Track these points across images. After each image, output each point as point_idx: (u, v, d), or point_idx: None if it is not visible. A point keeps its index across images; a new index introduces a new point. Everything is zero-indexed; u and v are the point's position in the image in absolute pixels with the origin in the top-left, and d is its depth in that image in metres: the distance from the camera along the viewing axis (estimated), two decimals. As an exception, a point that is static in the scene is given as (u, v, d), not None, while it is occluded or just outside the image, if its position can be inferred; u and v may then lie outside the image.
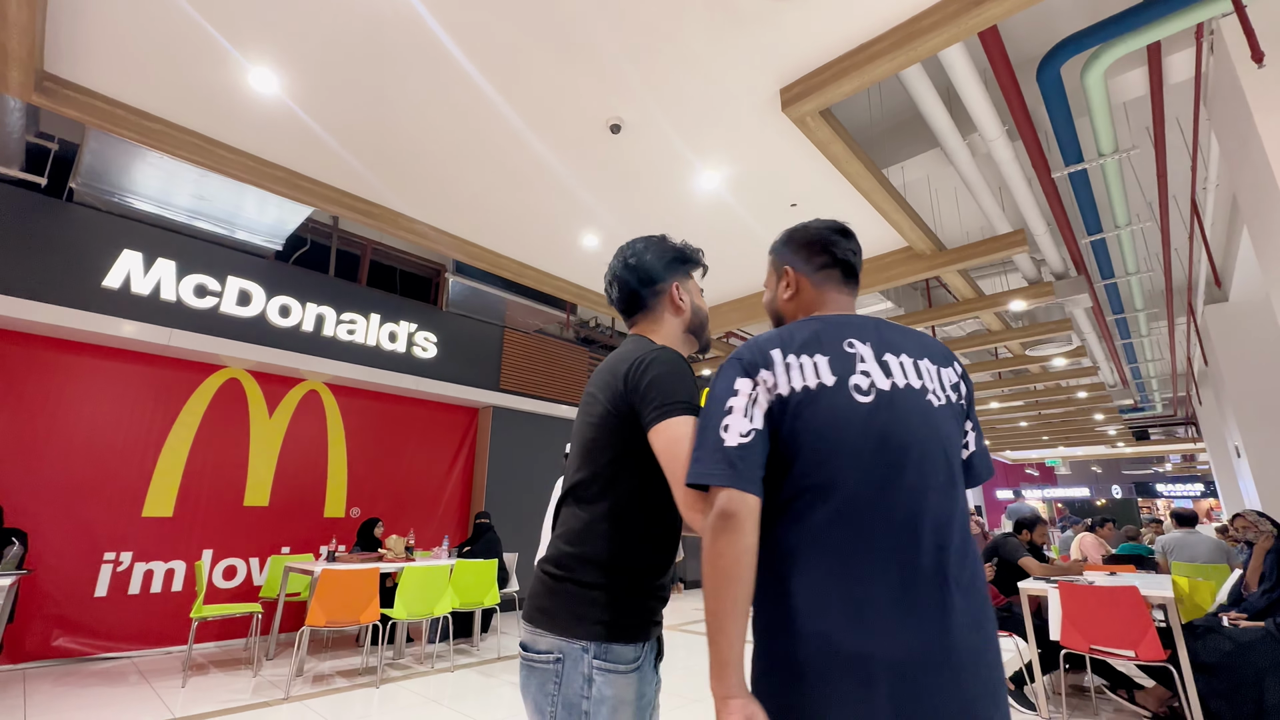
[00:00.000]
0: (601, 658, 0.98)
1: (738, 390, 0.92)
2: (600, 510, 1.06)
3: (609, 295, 1.34)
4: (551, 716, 0.99)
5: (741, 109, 3.64)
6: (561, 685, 0.98)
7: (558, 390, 7.97)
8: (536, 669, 1.02)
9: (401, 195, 4.61)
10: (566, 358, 8.20)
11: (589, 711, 0.96)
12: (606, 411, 1.09)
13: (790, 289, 1.13)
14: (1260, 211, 3.63)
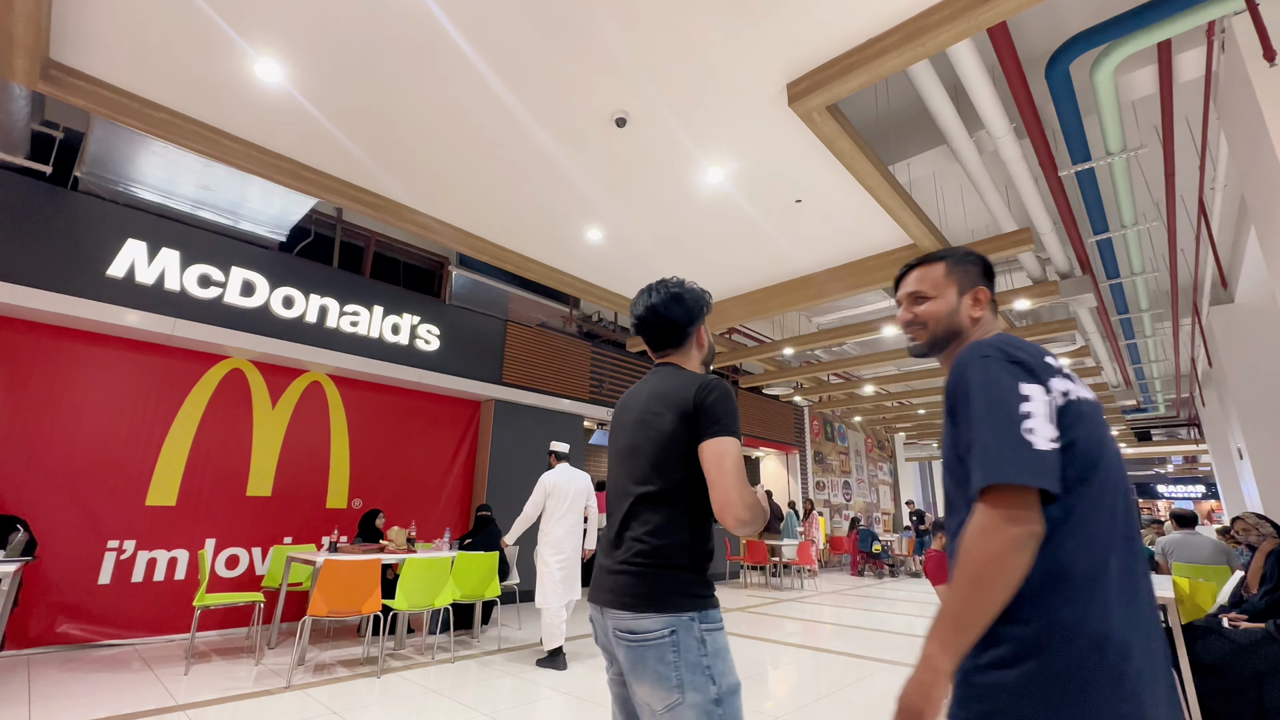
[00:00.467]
0: (705, 622, 1.24)
1: (1029, 395, 0.90)
2: (679, 509, 1.29)
3: (646, 330, 1.49)
4: (677, 680, 1.18)
5: (748, 103, 3.62)
6: (680, 651, 1.19)
7: (560, 384, 7.97)
8: (651, 645, 1.20)
9: (405, 187, 4.61)
10: (569, 352, 8.20)
11: (709, 665, 1.21)
12: (677, 427, 1.30)
13: (980, 310, 1.16)
14: (1269, 212, 3.61)
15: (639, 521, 1.29)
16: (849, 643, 5.16)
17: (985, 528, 0.84)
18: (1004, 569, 0.82)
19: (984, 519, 0.85)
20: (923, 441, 18.60)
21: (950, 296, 1.16)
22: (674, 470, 1.29)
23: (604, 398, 8.63)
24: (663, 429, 1.32)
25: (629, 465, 1.36)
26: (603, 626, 1.31)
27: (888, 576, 11.38)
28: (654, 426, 1.33)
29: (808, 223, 5.00)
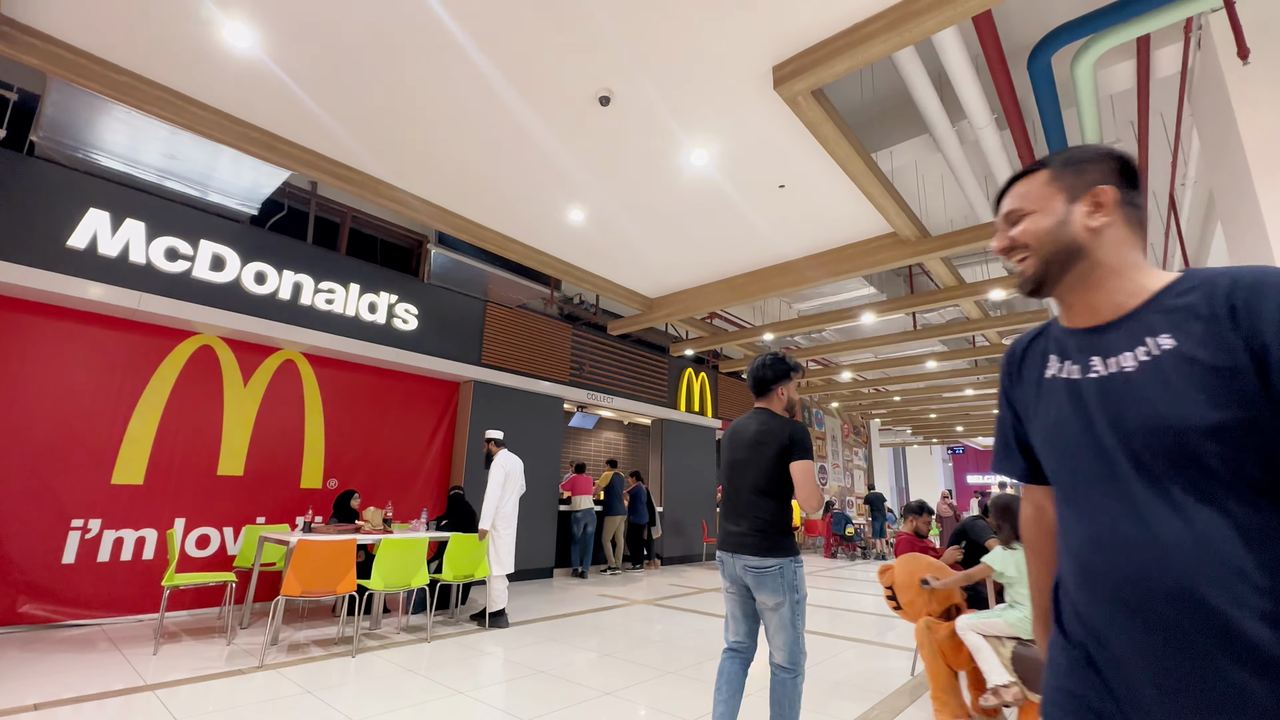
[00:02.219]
0: (797, 563, 2.16)
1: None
2: (778, 501, 2.21)
3: (754, 380, 2.39)
4: (782, 591, 2.12)
5: (733, 85, 3.58)
6: (785, 577, 2.12)
7: (540, 366, 7.93)
8: (770, 574, 2.12)
9: (383, 162, 4.49)
10: (549, 334, 8.15)
11: (797, 586, 2.14)
12: (778, 453, 2.20)
13: (1105, 216, 0.83)
14: (1235, 210, 3.71)
15: (755, 506, 2.21)
16: (820, 622, 5.29)
17: None
18: None
19: None
20: (897, 428, 18.98)
21: (1056, 206, 0.85)
22: (777, 478, 2.21)
23: (584, 380, 8.62)
24: (768, 454, 2.22)
25: (744, 471, 2.26)
26: (732, 564, 2.24)
27: (860, 558, 11.66)
28: (759, 450, 2.24)
29: (790, 208, 5.00)
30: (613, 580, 7.69)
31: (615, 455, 12.12)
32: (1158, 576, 0.70)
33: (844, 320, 7.55)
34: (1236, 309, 0.69)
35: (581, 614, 5.43)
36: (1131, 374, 0.75)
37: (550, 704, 3.06)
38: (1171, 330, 0.74)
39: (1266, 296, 0.68)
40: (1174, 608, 0.69)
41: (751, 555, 2.16)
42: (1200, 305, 0.72)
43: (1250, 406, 0.67)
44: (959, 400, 14.01)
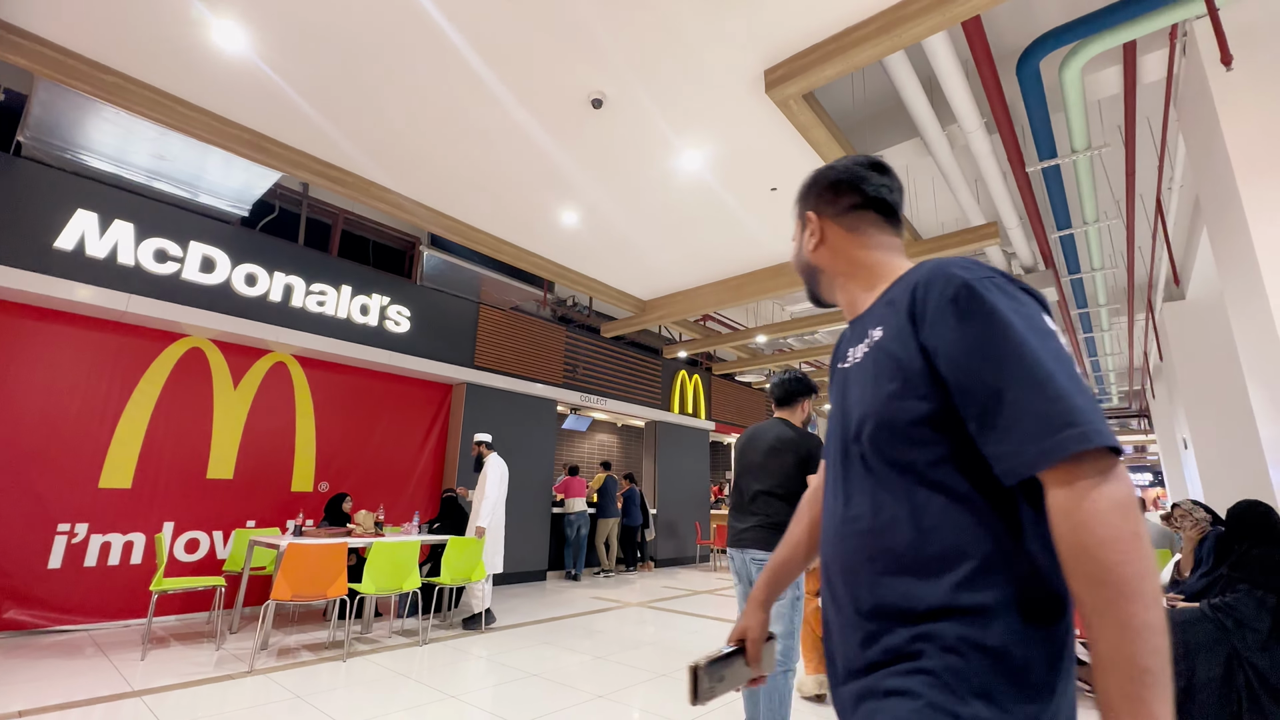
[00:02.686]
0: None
1: (1056, 334, 0.67)
2: (789, 505, 2.31)
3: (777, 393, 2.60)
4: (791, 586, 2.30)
5: (725, 89, 3.60)
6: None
7: (533, 368, 7.91)
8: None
9: (376, 163, 4.48)
10: (543, 336, 8.14)
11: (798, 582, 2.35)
12: (797, 461, 2.37)
13: (815, 237, 0.92)
14: (1220, 214, 3.76)
15: (765, 505, 2.39)
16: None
17: (1123, 504, 0.58)
18: (1149, 541, 0.58)
19: (1115, 493, 0.58)
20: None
21: (796, 236, 0.98)
22: (790, 482, 2.38)
23: (578, 382, 8.60)
24: (787, 461, 2.40)
25: (759, 474, 2.44)
26: (741, 558, 2.38)
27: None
28: (782, 459, 2.41)
29: (782, 211, 5.02)
30: (606, 583, 7.68)
31: (609, 457, 12.10)
32: (842, 554, 0.75)
33: (837, 322, 7.58)
34: (915, 303, 0.72)
35: (575, 617, 5.42)
36: (858, 365, 0.79)
37: (543, 707, 3.05)
38: (881, 323, 0.77)
39: (932, 291, 0.70)
40: (844, 583, 0.74)
41: (760, 549, 2.35)
42: (900, 299, 0.74)
43: (928, 398, 0.69)
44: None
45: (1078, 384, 0.62)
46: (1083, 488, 0.59)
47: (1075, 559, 0.59)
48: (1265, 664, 2.70)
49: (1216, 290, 7.26)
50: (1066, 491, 0.60)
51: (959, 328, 0.66)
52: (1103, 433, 0.59)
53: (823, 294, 0.96)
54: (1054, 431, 0.59)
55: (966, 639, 0.63)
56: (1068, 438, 0.59)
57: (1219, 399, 7.57)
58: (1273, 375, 3.24)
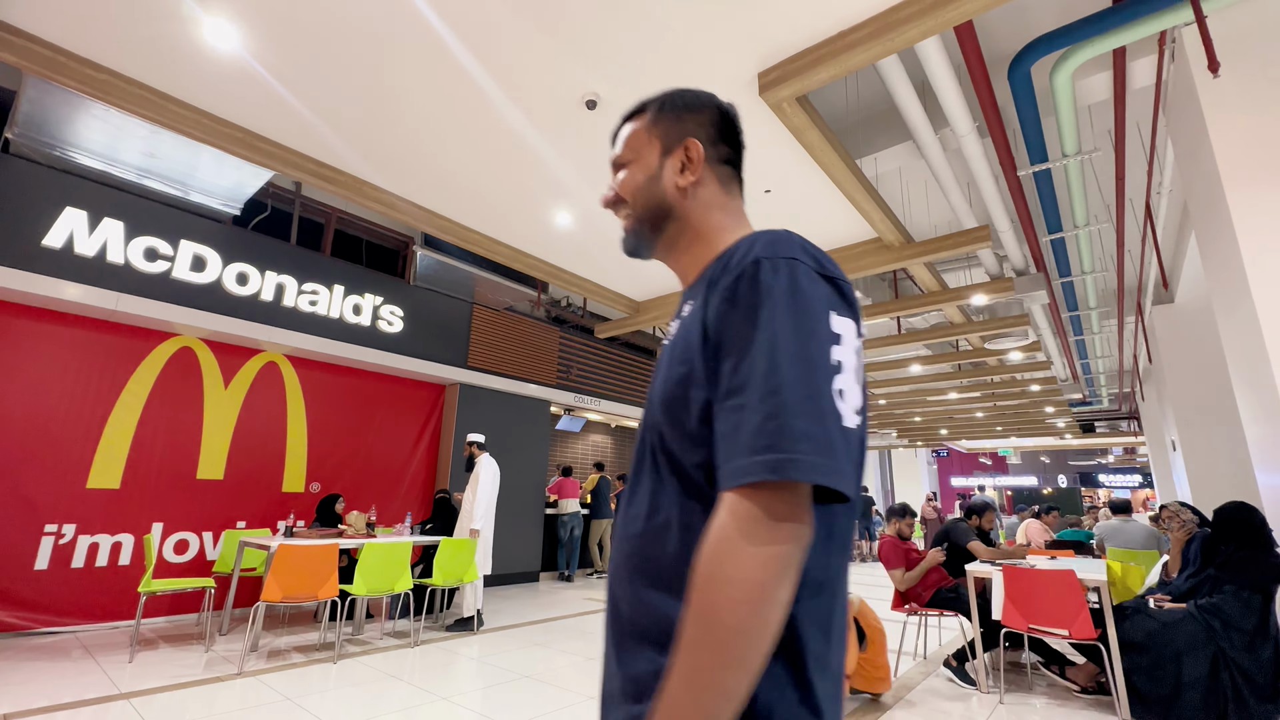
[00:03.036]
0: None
1: (842, 336, 0.56)
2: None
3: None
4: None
5: (719, 91, 3.61)
6: None
7: (527, 369, 7.90)
8: None
9: (369, 163, 4.46)
10: (537, 337, 8.13)
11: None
12: None
13: (692, 174, 0.74)
14: (1208, 218, 3.80)
15: None
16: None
17: (776, 558, 0.49)
18: (777, 605, 0.49)
19: (773, 539, 0.49)
20: (882, 430, 19.14)
21: (651, 159, 0.76)
22: None
23: (571, 383, 8.60)
24: None
25: None
26: None
27: (845, 561, 11.73)
28: None
29: (776, 213, 5.04)
30: (599, 584, 7.67)
31: (603, 458, 12.10)
32: (614, 556, 0.66)
33: (830, 324, 7.62)
34: (714, 274, 0.62)
35: (567, 618, 5.42)
36: (667, 344, 0.67)
37: (535, 709, 3.05)
38: (694, 298, 0.65)
39: (731, 262, 0.61)
40: (609, 588, 0.65)
41: None
42: (714, 271, 0.63)
43: (701, 385, 0.58)
44: (943, 403, 14.17)
45: (816, 403, 0.51)
46: (743, 519, 0.50)
47: (694, 588, 0.50)
48: (1250, 663, 2.73)
49: (1205, 294, 7.34)
50: (726, 516, 0.51)
51: (727, 310, 0.57)
52: (805, 466, 0.49)
53: (657, 246, 0.77)
54: (753, 451, 0.50)
55: None
56: (757, 464, 0.50)
57: (1207, 401, 7.65)
58: (1259, 378, 3.28)
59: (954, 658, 3.71)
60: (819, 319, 0.56)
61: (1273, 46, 3.27)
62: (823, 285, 0.58)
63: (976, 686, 3.51)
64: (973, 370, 10.95)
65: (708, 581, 0.50)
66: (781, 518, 0.50)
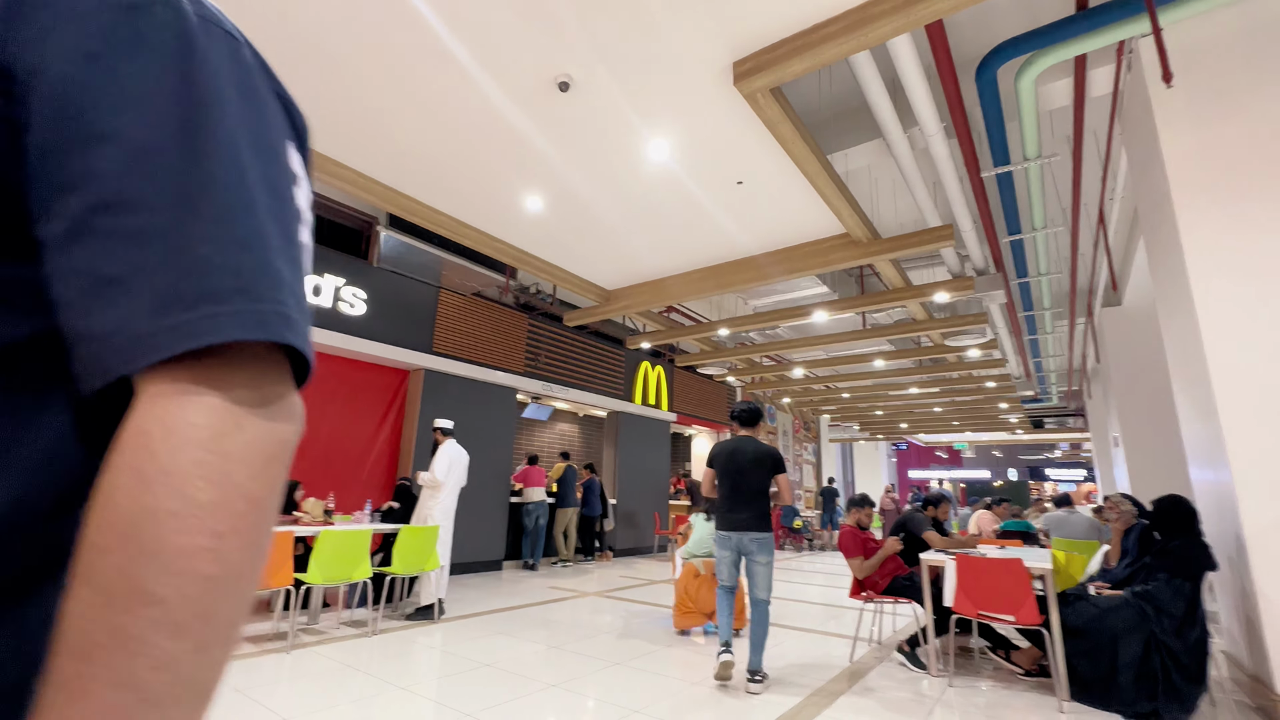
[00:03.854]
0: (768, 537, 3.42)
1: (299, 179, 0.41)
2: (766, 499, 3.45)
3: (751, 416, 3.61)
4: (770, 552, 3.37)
5: (694, 79, 3.59)
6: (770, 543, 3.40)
7: (494, 355, 7.79)
8: (762, 541, 3.37)
9: (330, 137, 4.30)
10: (504, 323, 8.01)
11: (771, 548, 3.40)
12: (771, 467, 3.44)
13: None
14: (1156, 225, 3.97)
15: (757, 500, 3.41)
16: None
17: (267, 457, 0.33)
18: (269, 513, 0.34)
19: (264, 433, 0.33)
20: (845, 424, 19.61)
21: None
22: (766, 486, 3.44)
23: (540, 371, 8.52)
24: (765, 467, 3.44)
25: (750, 477, 3.42)
26: (738, 538, 3.38)
27: (806, 550, 12.01)
28: (763, 465, 3.44)
29: (748, 205, 5.07)
30: (563, 572, 7.67)
31: (569, 447, 12.07)
32: None
33: (797, 317, 7.73)
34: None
35: (531, 606, 5.40)
36: None
37: (497, 697, 3.03)
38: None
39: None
40: None
41: (755, 531, 3.40)
42: None
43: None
44: (904, 398, 14.58)
45: (290, 240, 0.37)
46: (204, 407, 0.31)
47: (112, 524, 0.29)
48: (1179, 646, 2.90)
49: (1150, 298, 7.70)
50: (168, 406, 0.31)
51: (105, 50, 0.33)
52: (297, 326, 0.35)
53: None
54: (198, 301, 0.31)
55: None
56: (220, 317, 0.32)
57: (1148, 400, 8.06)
58: (1196, 379, 3.46)
59: (907, 643, 3.84)
60: (275, 127, 0.39)
61: (1224, 60, 3.42)
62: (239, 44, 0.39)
63: (927, 670, 3.64)
64: (933, 366, 11.29)
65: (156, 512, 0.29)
66: (275, 403, 0.34)
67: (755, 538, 3.37)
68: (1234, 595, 3.32)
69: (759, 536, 3.37)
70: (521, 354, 8.22)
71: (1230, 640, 3.56)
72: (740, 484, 3.42)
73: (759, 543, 3.36)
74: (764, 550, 3.36)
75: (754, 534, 3.37)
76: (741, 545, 3.39)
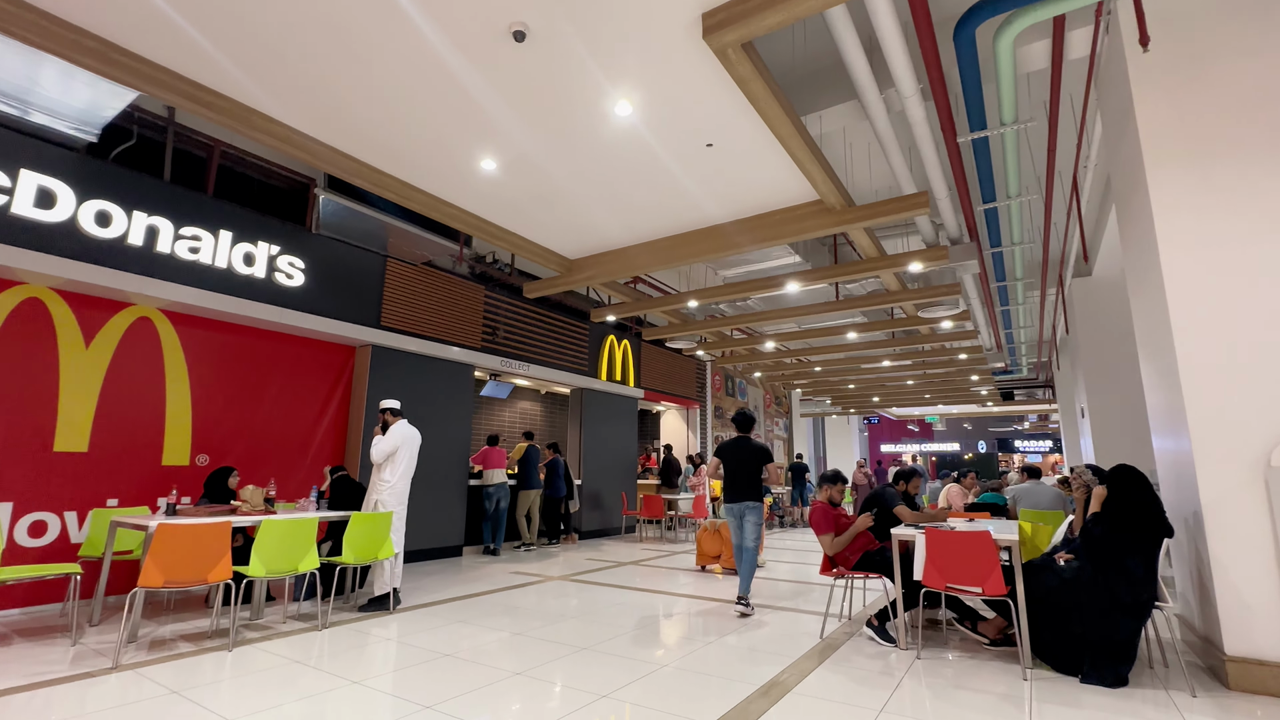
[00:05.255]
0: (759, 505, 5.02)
1: None
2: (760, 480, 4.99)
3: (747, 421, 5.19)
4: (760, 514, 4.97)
5: (660, 31, 3.50)
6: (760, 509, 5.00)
7: (448, 330, 7.64)
8: (758, 508, 4.96)
9: (261, 88, 4.05)
10: (459, 295, 7.85)
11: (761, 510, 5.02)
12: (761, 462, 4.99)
13: None
14: (1127, 194, 4.12)
15: (753, 480, 4.96)
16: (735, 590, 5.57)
17: None
18: None
19: None
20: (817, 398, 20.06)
21: None
22: (759, 472, 4.96)
23: (499, 346, 8.41)
24: (757, 461, 4.97)
25: (749, 466, 4.96)
26: (740, 508, 4.95)
27: (778, 527, 12.36)
28: (759, 458, 4.98)
29: (717, 169, 5.03)
30: (527, 557, 7.71)
31: (532, 426, 12.03)
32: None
33: (769, 289, 7.79)
34: None
35: (493, 593, 5.42)
36: None
37: (457, 687, 3.04)
38: None
39: None
40: None
41: (752, 501, 4.91)
42: None
43: None
44: (876, 371, 14.96)
45: None
46: None
47: None
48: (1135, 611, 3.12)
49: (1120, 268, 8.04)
50: None
51: None
52: None
53: None
54: None
55: None
56: None
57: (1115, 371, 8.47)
58: (1161, 348, 3.65)
59: (875, 618, 4.01)
60: None
61: (1201, 25, 3.52)
62: None
63: (896, 644, 3.82)
64: (906, 339, 11.59)
65: None
66: None
67: (750, 505, 4.91)
68: (1189, 562, 3.57)
69: (752, 505, 4.91)
70: (478, 328, 8.08)
71: (1184, 604, 3.84)
72: (740, 471, 4.95)
73: (752, 509, 4.91)
74: (754, 514, 4.91)
75: (749, 503, 4.91)
76: (742, 512, 4.91)
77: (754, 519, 4.90)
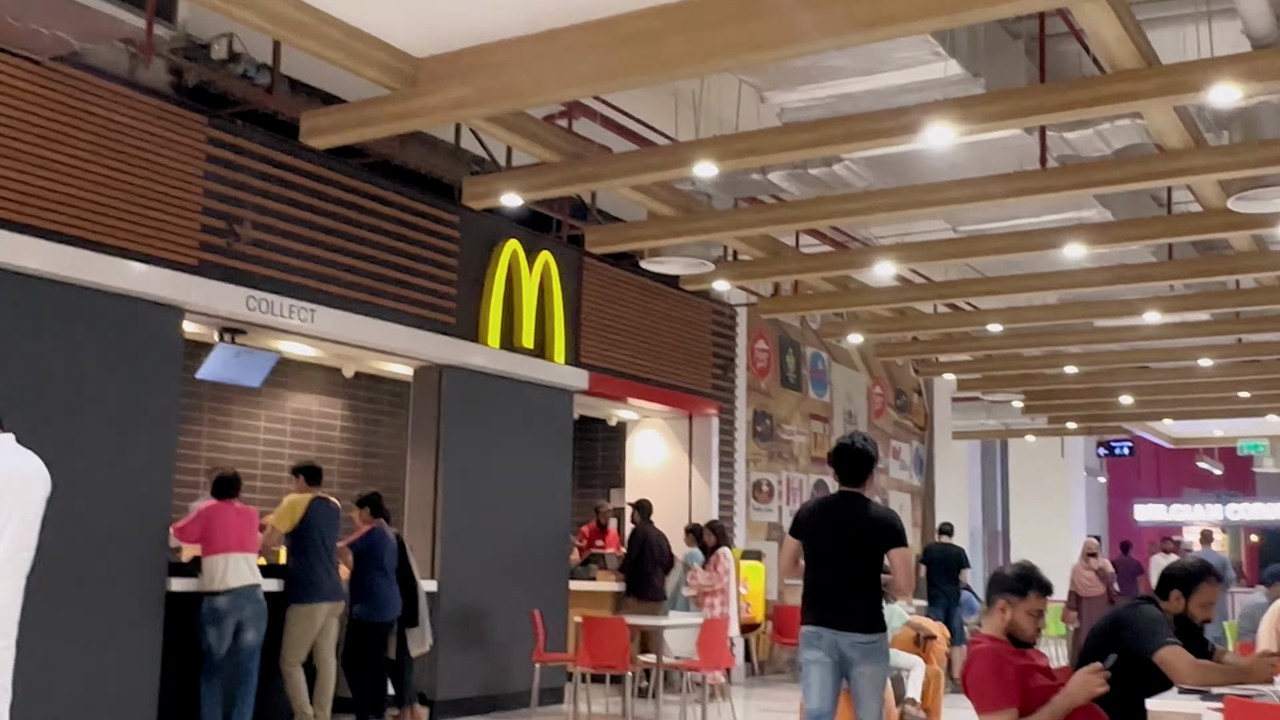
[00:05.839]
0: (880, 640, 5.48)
1: None
2: (879, 588, 5.53)
3: (856, 460, 5.51)
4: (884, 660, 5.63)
5: None
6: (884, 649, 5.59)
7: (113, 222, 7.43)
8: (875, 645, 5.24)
9: None
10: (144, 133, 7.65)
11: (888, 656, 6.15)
12: (882, 545, 5.39)
13: None
14: None
15: (866, 588, 5.28)
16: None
17: None
18: None
19: None
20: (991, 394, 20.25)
21: None
22: (878, 566, 5.37)
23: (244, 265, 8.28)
24: (884, 543, 5.34)
25: (859, 555, 5.24)
26: (833, 640, 5.01)
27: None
28: (881, 541, 5.33)
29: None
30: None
31: (324, 452, 12.02)
32: None
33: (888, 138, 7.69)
34: None
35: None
36: None
37: None
38: None
39: None
40: None
41: (861, 632, 4.85)
42: None
43: None
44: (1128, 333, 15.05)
45: None
46: None
47: None
48: None
49: None
50: None
51: None
52: None
53: None
54: None
55: None
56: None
57: None
58: None
59: None
60: None
61: None
62: None
63: None
64: (1198, 261, 11.64)
65: None
66: None
67: (861, 641, 4.87)
68: None
69: (866, 641, 4.87)
70: (194, 218, 8.03)
71: None
72: (841, 565, 5.15)
73: (867, 648, 4.88)
74: (873, 658, 4.95)
75: (859, 636, 4.88)
76: (841, 650, 4.91)
77: (870, 668, 4.97)
